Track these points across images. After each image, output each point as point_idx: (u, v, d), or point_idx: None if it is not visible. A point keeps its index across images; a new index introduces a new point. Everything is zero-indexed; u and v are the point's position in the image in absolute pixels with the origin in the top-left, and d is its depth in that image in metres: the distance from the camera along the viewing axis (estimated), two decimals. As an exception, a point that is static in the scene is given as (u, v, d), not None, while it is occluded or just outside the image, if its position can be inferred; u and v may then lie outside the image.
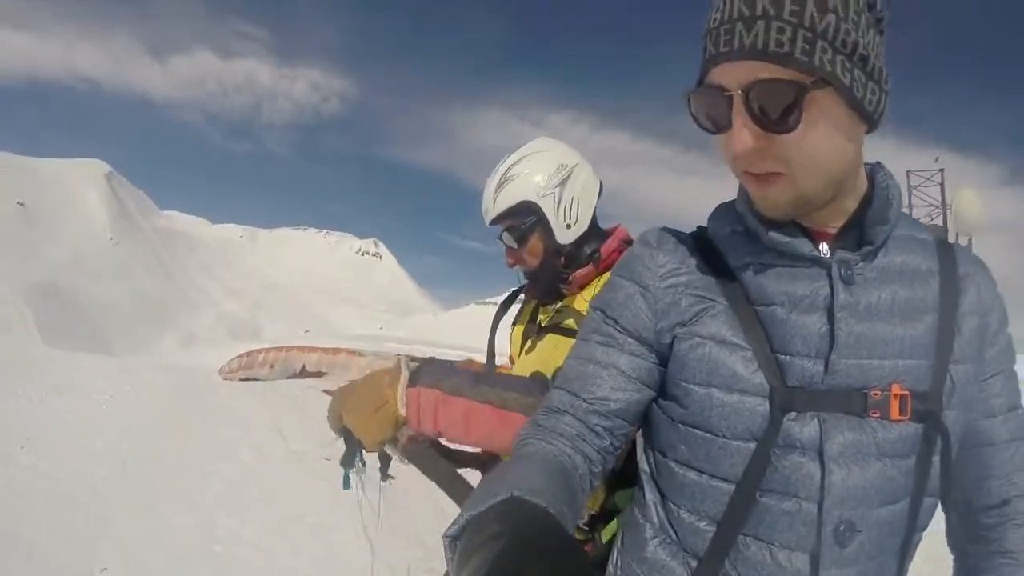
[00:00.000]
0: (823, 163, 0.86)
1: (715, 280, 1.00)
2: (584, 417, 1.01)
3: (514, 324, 1.97)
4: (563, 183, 1.71)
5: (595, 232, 1.78)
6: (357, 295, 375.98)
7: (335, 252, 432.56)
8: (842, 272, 0.92)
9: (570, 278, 1.72)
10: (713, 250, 1.04)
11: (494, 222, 1.76)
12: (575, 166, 1.74)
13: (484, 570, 0.56)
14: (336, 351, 16.40)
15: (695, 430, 0.97)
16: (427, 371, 1.42)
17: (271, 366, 16.80)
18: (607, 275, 1.49)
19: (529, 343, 1.80)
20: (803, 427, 0.90)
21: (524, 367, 1.70)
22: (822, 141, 0.84)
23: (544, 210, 1.70)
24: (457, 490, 1.51)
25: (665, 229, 1.10)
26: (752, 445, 0.92)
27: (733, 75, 0.84)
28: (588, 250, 1.74)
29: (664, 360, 1.02)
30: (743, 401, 0.92)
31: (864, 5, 0.83)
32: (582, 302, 1.68)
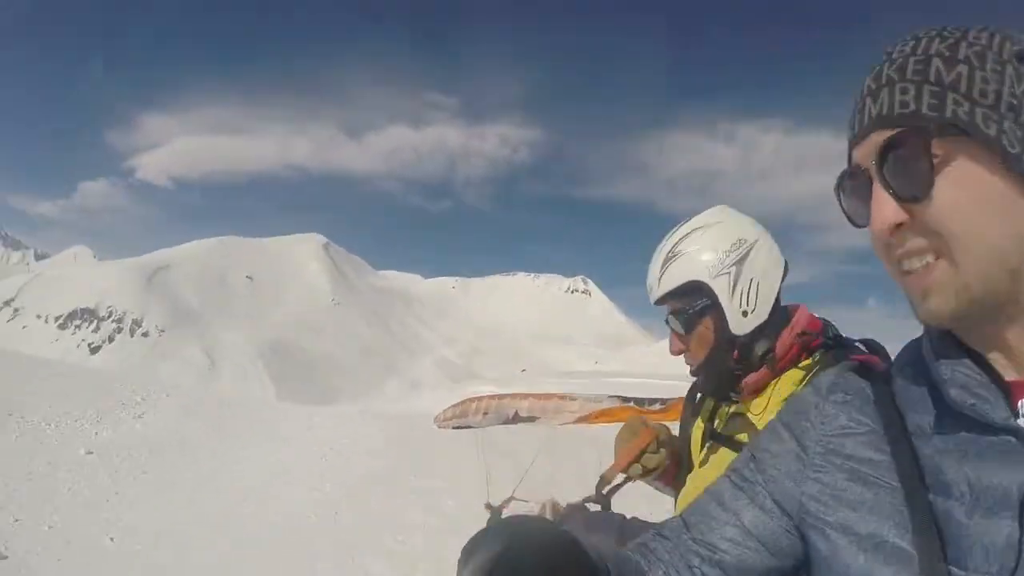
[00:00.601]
0: (983, 236, 0.67)
1: (889, 452, 0.79)
2: (685, 554, 0.90)
3: (695, 416, 1.74)
4: (740, 261, 1.47)
5: (775, 321, 1.50)
6: (570, 332, 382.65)
7: (545, 293, 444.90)
8: None
9: (741, 383, 1.49)
10: (893, 409, 0.82)
11: (659, 302, 1.55)
12: (755, 242, 1.49)
13: (487, 568, 0.56)
14: (548, 396, 16.87)
15: None
16: (570, 524, 1.34)
17: (484, 413, 17.90)
18: (786, 378, 1.44)
19: (706, 450, 1.59)
20: None
21: (696, 480, 1.55)
22: (974, 206, 0.67)
23: (717, 293, 1.47)
24: None
25: (843, 372, 0.91)
26: None
27: (865, 152, 0.74)
28: (760, 350, 1.48)
29: (800, 537, 0.86)
30: None
31: (1011, 55, 0.70)
32: (756, 409, 1.46)
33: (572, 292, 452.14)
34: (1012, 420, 0.68)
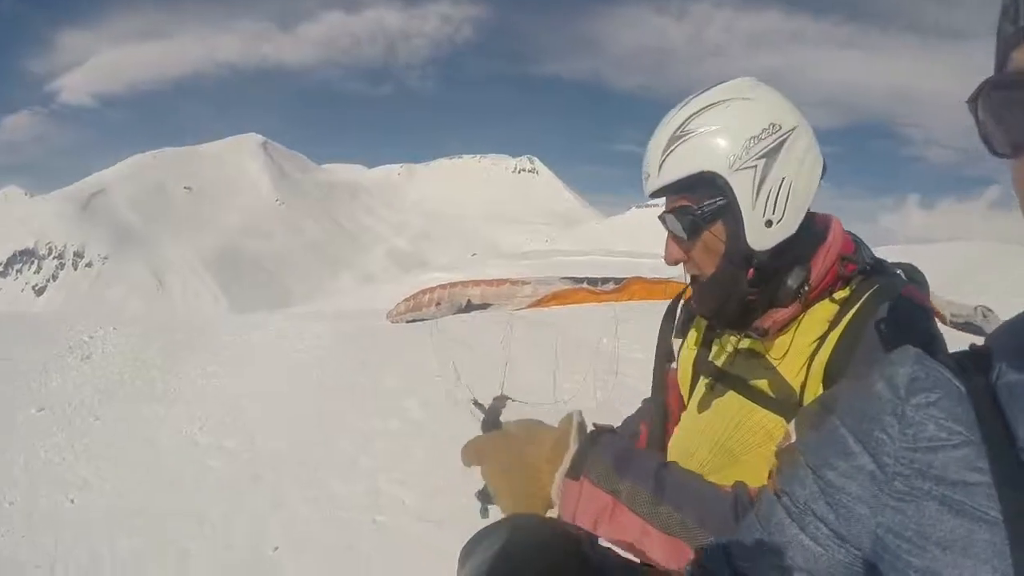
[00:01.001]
0: None
1: (989, 473, 0.59)
2: None
3: (680, 338, 1.40)
4: (771, 153, 1.08)
5: (806, 239, 1.15)
6: (519, 213, 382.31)
7: (492, 174, 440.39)
8: None
9: (762, 317, 1.15)
10: (996, 412, 0.61)
11: (657, 194, 1.18)
12: (793, 129, 1.10)
13: (486, 568, 0.54)
14: (500, 282, 16.42)
15: None
16: (598, 460, 1.04)
17: (437, 304, 16.67)
18: (814, 314, 1.13)
19: (704, 388, 1.27)
20: None
21: (694, 429, 1.26)
22: None
23: (736, 191, 1.09)
24: None
25: (923, 360, 0.68)
26: None
27: None
28: (794, 282, 1.12)
29: (870, 568, 0.68)
30: None
31: None
32: (780, 351, 1.13)
33: (519, 172, 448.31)
34: None
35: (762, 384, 1.14)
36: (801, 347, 1.10)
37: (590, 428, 1.10)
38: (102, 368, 9.19)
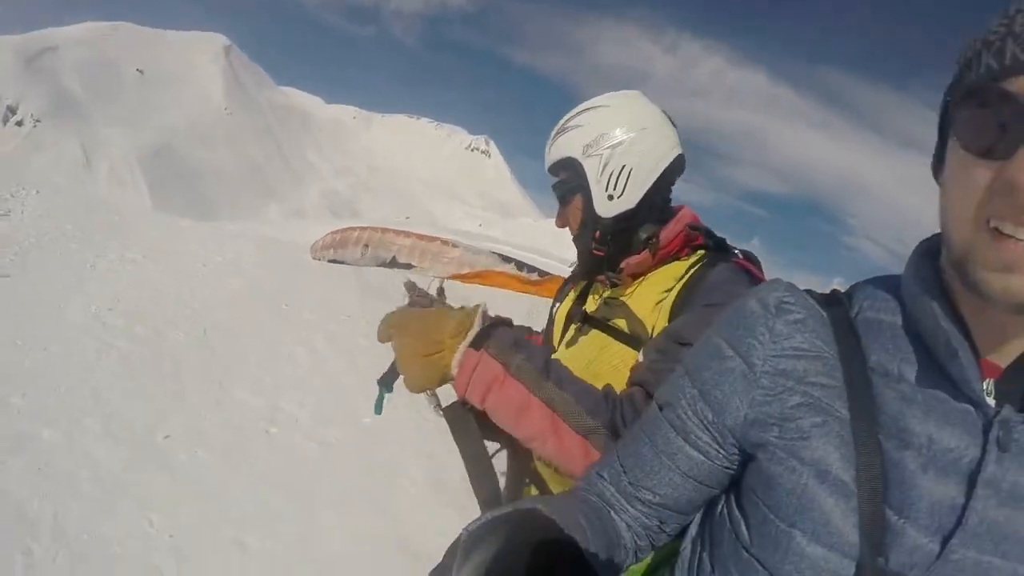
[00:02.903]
0: None
1: (843, 382, 0.76)
2: (629, 499, 0.89)
3: (559, 300, 1.72)
4: (616, 146, 1.43)
5: (655, 213, 1.48)
6: (461, 191, 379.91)
7: (445, 144, 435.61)
8: (1000, 435, 0.68)
9: (621, 264, 1.45)
10: (852, 337, 0.78)
11: (549, 172, 1.56)
12: (641, 131, 1.45)
13: (483, 568, 0.55)
14: (431, 239, 16.13)
15: (760, 567, 0.77)
16: (497, 338, 1.28)
17: (365, 246, 16.54)
18: (667, 269, 1.42)
19: (572, 331, 1.56)
20: None
21: (564, 362, 1.40)
22: None
23: (586, 172, 1.45)
24: (479, 470, 1.35)
25: (793, 289, 0.84)
26: None
27: None
28: (644, 234, 1.45)
29: (743, 459, 0.83)
30: (827, 559, 0.72)
31: None
32: (637, 299, 1.42)
33: (472, 150, 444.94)
34: (979, 394, 0.69)
35: (620, 323, 1.41)
36: (653, 294, 1.38)
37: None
38: (19, 228, 8.98)
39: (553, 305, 1.74)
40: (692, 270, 1.37)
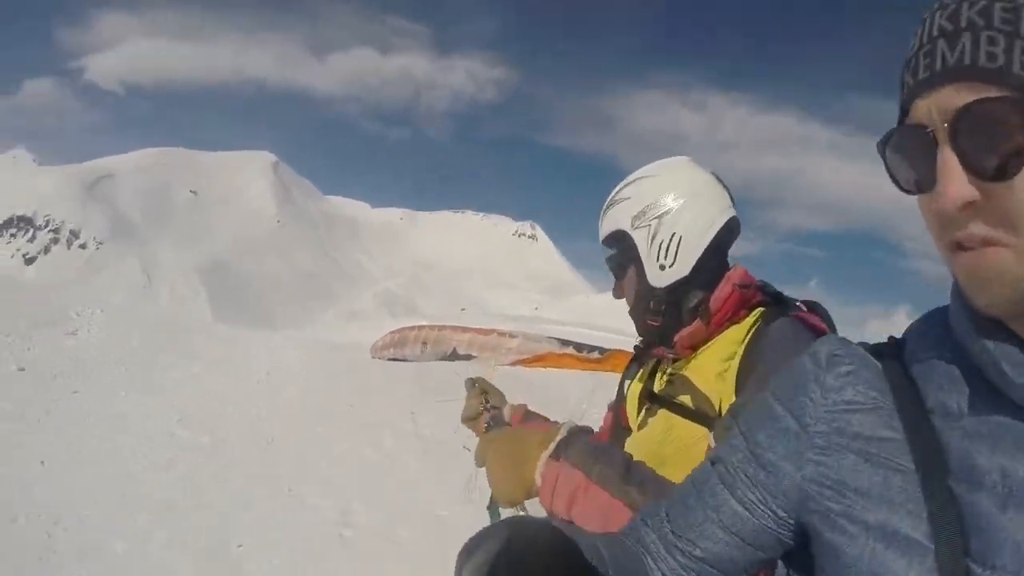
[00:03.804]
0: None
1: (903, 432, 0.71)
2: (668, 548, 0.84)
3: (628, 378, 1.70)
4: (663, 215, 1.44)
5: (711, 278, 1.44)
6: (513, 277, 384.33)
7: (492, 234, 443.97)
8: None
9: (674, 338, 1.43)
10: (908, 383, 0.74)
11: (603, 245, 1.58)
12: (689, 197, 1.45)
13: (486, 568, 0.55)
14: (488, 332, 16.16)
15: None
16: (577, 446, 1.28)
17: (424, 343, 16.66)
18: (727, 336, 1.37)
19: (644, 412, 1.54)
20: None
21: (633, 444, 1.48)
22: None
23: (636, 243, 1.46)
24: None
25: (844, 342, 0.82)
26: None
27: (934, 106, 0.63)
28: (692, 302, 1.44)
29: (798, 527, 0.78)
30: None
31: None
32: (698, 371, 1.39)
33: (519, 236, 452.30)
34: None
35: (685, 399, 1.38)
36: (714, 364, 1.35)
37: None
38: (86, 346, 9.24)
39: (623, 383, 1.72)
40: (751, 332, 1.34)
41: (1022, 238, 0.60)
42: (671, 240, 1.42)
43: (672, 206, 1.43)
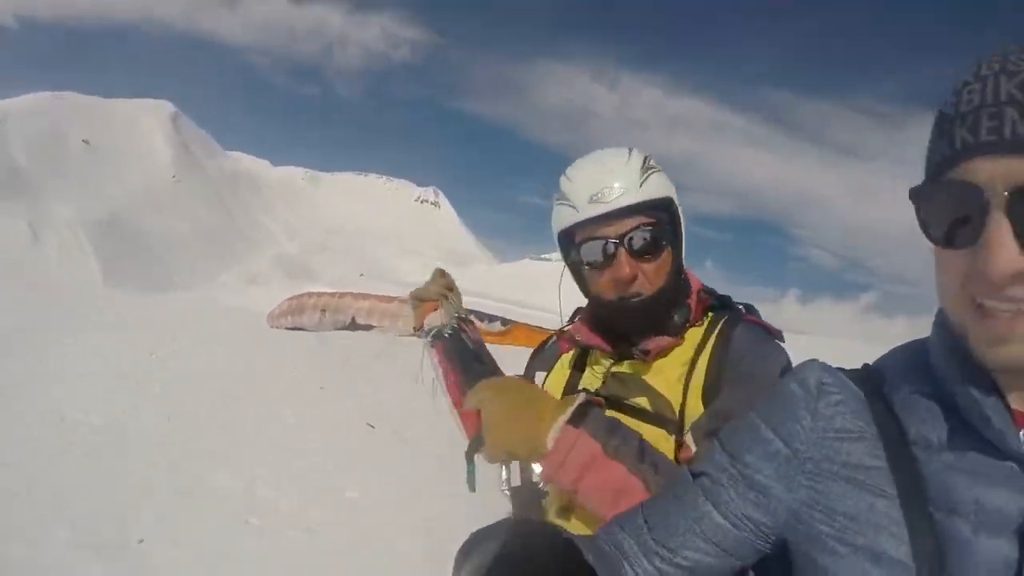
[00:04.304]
0: None
1: (887, 461, 0.76)
2: (647, 553, 0.86)
3: (543, 368, 1.57)
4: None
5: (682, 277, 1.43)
6: (414, 243, 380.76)
7: (395, 199, 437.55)
8: None
9: (648, 345, 1.33)
10: (890, 414, 0.79)
11: (629, 211, 1.29)
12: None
13: (484, 569, 0.54)
14: (388, 299, 16.15)
15: None
16: (595, 418, 1.21)
17: (322, 311, 16.53)
18: (688, 338, 1.33)
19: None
20: None
21: None
22: None
23: (681, 217, 1.37)
24: None
25: (829, 369, 0.85)
26: None
27: (995, 171, 0.64)
28: (680, 318, 1.35)
29: (780, 540, 0.83)
30: None
31: None
32: (656, 374, 1.32)
33: (422, 202, 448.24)
34: (1021, 449, 0.69)
35: (641, 401, 1.31)
36: (674, 367, 1.30)
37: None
38: None
39: (533, 368, 1.60)
40: (710, 338, 1.31)
41: None
42: (684, 228, 1.39)
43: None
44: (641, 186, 1.30)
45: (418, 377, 1.56)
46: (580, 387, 1.42)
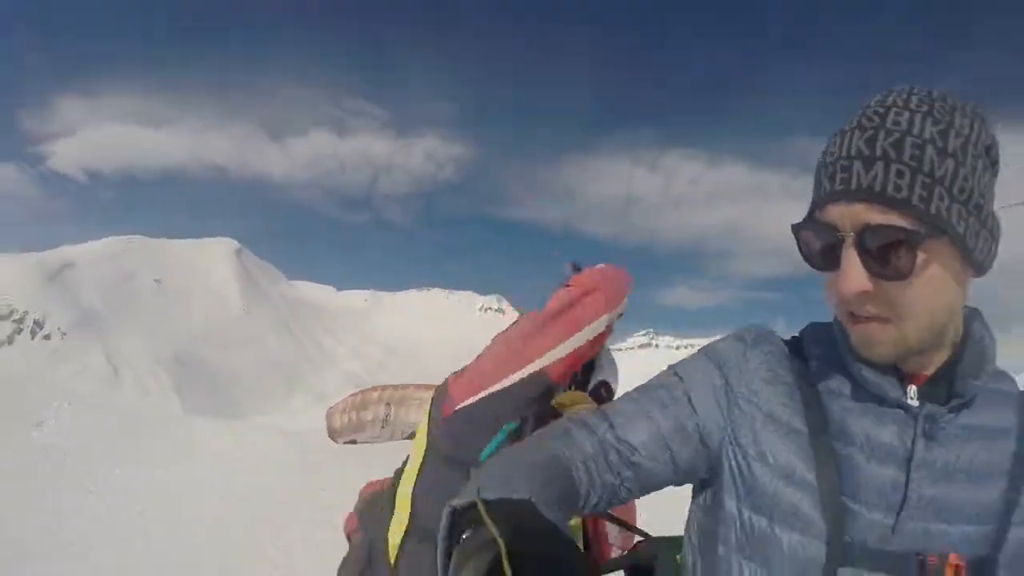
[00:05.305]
0: (930, 311, 0.85)
1: (801, 402, 0.97)
2: (605, 449, 0.98)
3: None
4: None
5: None
6: (480, 351, 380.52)
7: (458, 310, 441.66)
8: (926, 427, 0.89)
9: None
10: (805, 368, 1.01)
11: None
12: None
13: (484, 570, 0.57)
14: None
15: (749, 563, 0.94)
16: None
17: (387, 404, 17.02)
18: None
19: None
20: None
21: None
22: (932, 289, 0.83)
23: None
24: None
25: (764, 331, 1.08)
26: None
27: (847, 215, 0.83)
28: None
29: (717, 459, 1.00)
30: (805, 545, 0.89)
31: (982, 149, 0.83)
32: None
33: (486, 310, 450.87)
34: (903, 398, 0.90)
35: None
36: None
37: None
38: (53, 438, 9.48)
39: None
40: None
41: (899, 318, 0.84)
42: None
43: None
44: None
45: None
46: None
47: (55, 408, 10.68)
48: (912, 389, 0.91)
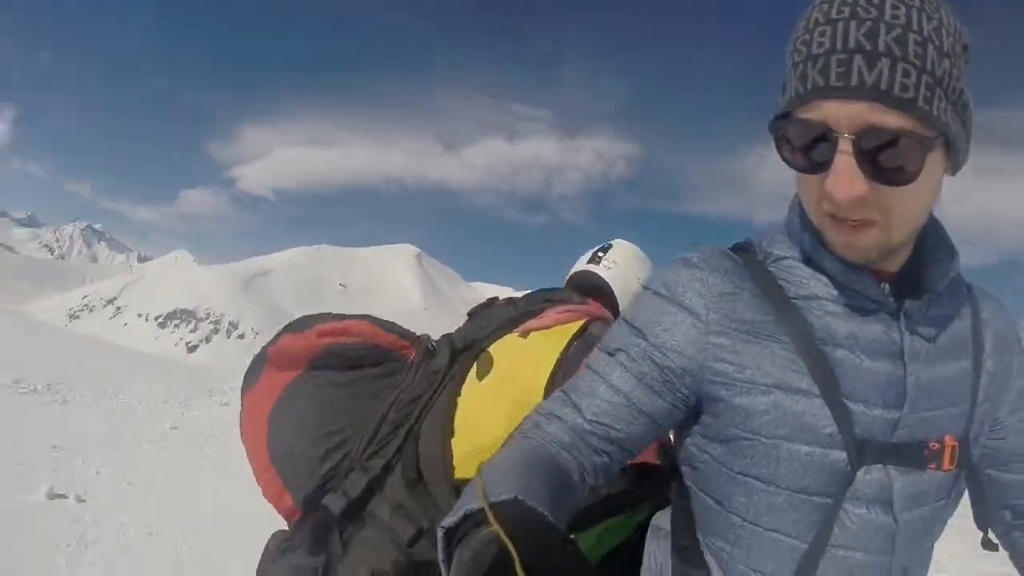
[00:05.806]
0: (919, 214, 0.83)
1: (774, 313, 0.90)
2: (583, 435, 0.92)
3: None
4: None
5: None
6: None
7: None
8: (908, 321, 0.89)
9: None
10: (767, 276, 0.93)
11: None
12: None
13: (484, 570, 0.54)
14: None
15: (757, 482, 0.90)
16: None
17: None
18: None
19: None
20: (872, 481, 0.88)
21: None
22: (924, 193, 0.80)
23: None
24: None
25: (707, 248, 0.98)
26: (819, 499, 0.88)
27: (843, 114, 0.74)
28: None
29: (698, 398, 0.94)
30: (816, 453, 0.87)
31: (962, 47, 0.78)
32: None
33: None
34: (883, 296, 0.87)
35: None
36: None
37: None
38: (236, 414, 6.43)
39: None
40: None
41: (890, 221, 0.79)
42: None
43: None
44: None
45: None
46: None
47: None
48: (885, 287, 0.89)
